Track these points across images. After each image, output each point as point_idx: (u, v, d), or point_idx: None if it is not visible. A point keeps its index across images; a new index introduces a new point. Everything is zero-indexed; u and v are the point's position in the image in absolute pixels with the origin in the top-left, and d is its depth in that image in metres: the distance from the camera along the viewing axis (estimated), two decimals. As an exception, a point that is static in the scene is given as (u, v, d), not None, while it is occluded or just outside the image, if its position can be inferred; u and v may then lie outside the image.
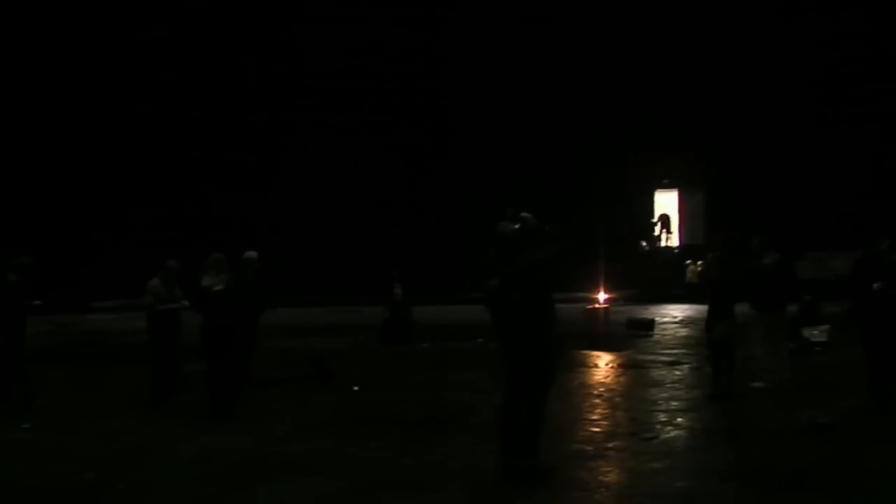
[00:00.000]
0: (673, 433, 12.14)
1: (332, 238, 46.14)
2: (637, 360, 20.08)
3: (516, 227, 9.87)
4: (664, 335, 25.70)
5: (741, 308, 15.24)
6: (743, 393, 14.99)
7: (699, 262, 39.10)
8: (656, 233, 48.76)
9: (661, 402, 14.72)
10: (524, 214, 9.95)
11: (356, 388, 16.44)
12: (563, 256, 9.84)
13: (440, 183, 47.44)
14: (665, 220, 48.78)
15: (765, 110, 44.92)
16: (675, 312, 33.35)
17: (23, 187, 43.12)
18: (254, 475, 10.09)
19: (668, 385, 16.54)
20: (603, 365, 19.48)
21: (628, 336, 24.83)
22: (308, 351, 20.37)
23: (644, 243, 47.52)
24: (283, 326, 25.32)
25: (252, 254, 15.57)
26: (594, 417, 13.37)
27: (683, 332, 26.78)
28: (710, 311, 15.23)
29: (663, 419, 13.12)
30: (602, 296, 26.43)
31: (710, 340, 15.18)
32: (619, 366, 19.38)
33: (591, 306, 24.48)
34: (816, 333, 20.94)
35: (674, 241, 49.04)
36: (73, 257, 39.62)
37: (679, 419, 13.12)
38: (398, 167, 48.00)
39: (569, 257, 9.96)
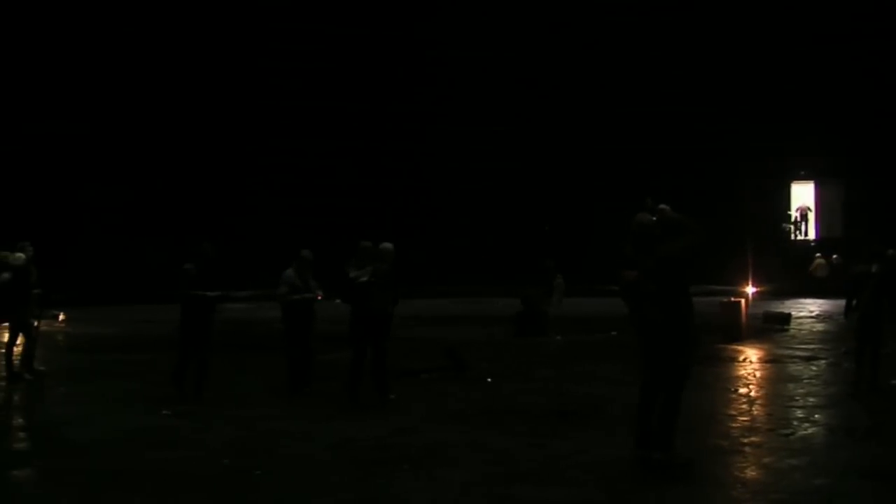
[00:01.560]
0: (811, 430, 11.96)
1: (467, 229, 46.34)
2: (774, 355, 19.81)
3: (654, 218, 9.84)
4: (800, 330, 25.30)
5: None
6: (883, 390, 14.72)
7: (834, 256, 38.57)
8: (792, 225, 48.01)
9: (798, 397, 14.51)
10: (662, 206, 9.91)
11: (489, 379, 16.51)
12: (698, 249, 9.77)
13: (577, 174, 47.30)
14: (803, 212, 47.99)
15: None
16: (811, 307, 32.76)
17: (167, 176, 44.17)
18: (388, 464, 10.18)
19: (806, 381, 16.30)
20: (739, 359, 19.25)
21: (764, 330, 24.51)
22: (442, 342, 20.46)
23: (786, 225, 46.97)
24: (417, 317, 25.53)
25: (388, 245, 15.72)
26: (731, 412, 13.24)
27: (820, 326, 26.34)
28: (857, 305, 14.93)
29: (801, 415, 12.93)
30: (751, 289, 26.09)
31: (857, 333, 14.93)
32: (756, 360, 19.16)
33: (728, 299, 24.21)
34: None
35: (810, 233, 48.25)
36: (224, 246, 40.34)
37: (817, 415, 12.92)
38: (533, 158, 48.00)
39: (704, 251, 9.87)
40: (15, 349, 17.16)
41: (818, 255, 41.80)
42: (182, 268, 14.37)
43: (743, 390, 15.30)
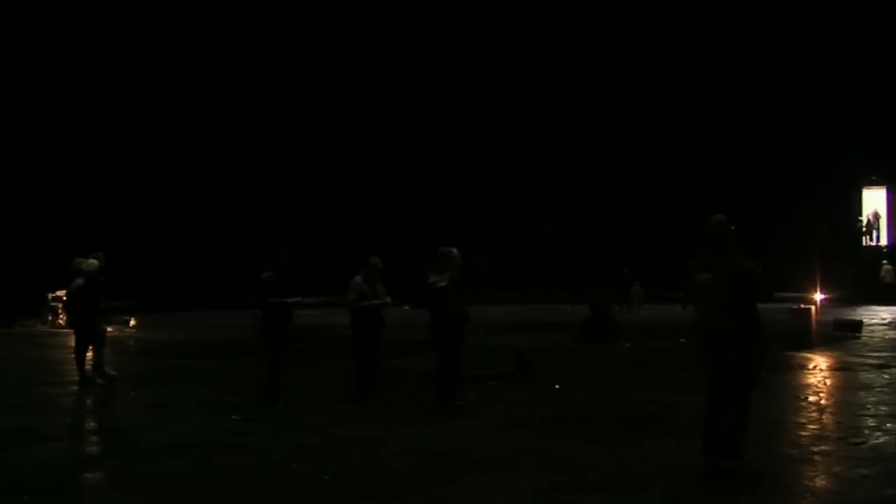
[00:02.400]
0: (882, 439, 11.78)
1: (534, 236, 46.37)
2: (844, 363, 19.59)
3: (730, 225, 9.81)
4: (872, 337, 24.99)
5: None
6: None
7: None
8: (863, 230, 47.52)
9: (869, 406, 14.31)
10: (719, 217, 9.84)
11: (557, 385, 16.47)
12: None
13: (649, 180, 47.19)
14: (874, 218, 47.47)
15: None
16: (883, 314, 32.34)
17: (233, 184, 44.56)
18: (456, 469, 10.18)
19: (877, 389, 16.07)
20: (809, 366, 19.05)
21: (835, 337, 24.24)
22: (510, 348, 20.44)
23: (861, 219, 46.54)
24: (485, 323, 25.53)
25: (453, 251, 15.70)
26: (800, 420, 13.09)
27: (892, 334, 25.99)
28: None
29: (872, 424, 12.75)
30: (819, 295, 25.82)
31: None
32: (826, 368, 18.94)
33: (798, 306, 23.98)
34: None
35: (882, 239, 47.72)
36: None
37: (888, 424, 12.72)
38: (606, 165, 47.94)
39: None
40: (87, 354, 17.39)
41: (885, 262, 41.36)
42: (260, 276, 14.40)
43: (813, 398, 15.13)
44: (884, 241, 47.28)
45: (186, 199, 44.39)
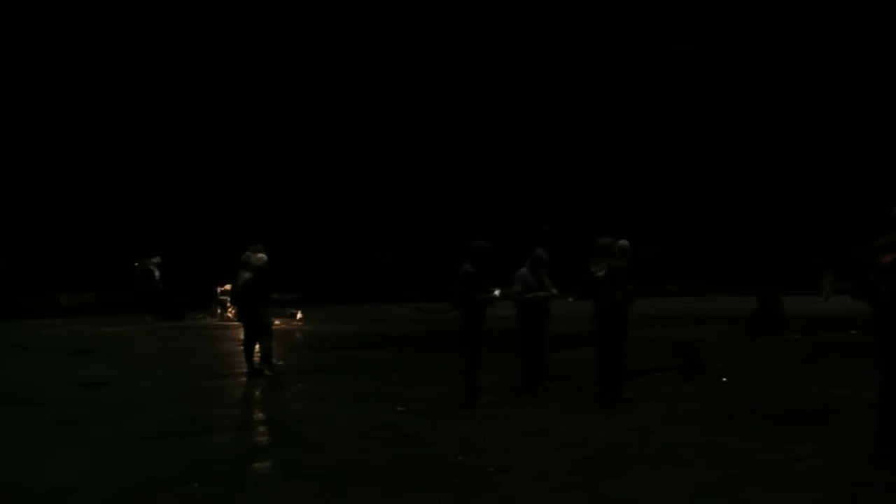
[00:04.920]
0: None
1: (702, 228, 45.79)
2: None
3: None
4: None
5: None
6: None
7: None
8: None
9: None
10: None
11: (725, 378, 16.19)
12: None
13: (812, 174, 46.25)
14: None
15: None
16: None
17: (395, 181, 44.96)
18: (623, 463, 10.06)
19: None
20: None
21: None
22: (677, 341, 20.19)
23: None
24: (650, 316, 25.27)
25: (624, 242, 15.49)
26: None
27: None
28: None
29: None
30: None
31: None
32: None
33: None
34: None
35: None
36: (445, 246, 41.03)
37: None
38: (764, 159, 47.11)
39: None
40: (255, 347, 17.70)
41: None
42: (461, 269, 14.04)
43: None
44: None
45: (352, 195, 44.94)
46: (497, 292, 14.20)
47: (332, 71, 45.51)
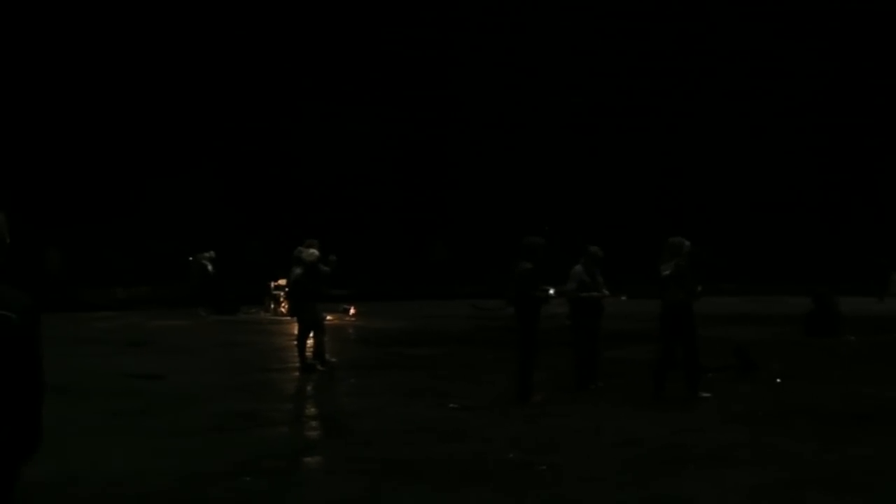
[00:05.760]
0: None
1: (757, 226, 45.48)
2: None
3: None
4: None
5: None
6: None
7: None
8: None
9: None
10: None
11: (779, 379, 16.06)
12: None
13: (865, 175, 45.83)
14: None
15: None
16: None
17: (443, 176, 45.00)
18: (676, 462, 10.00)
19: None
20: None
21: None
22: (731, 340, 20.07)
23: None
24: (704, 315, 25.01)
25: (684, 240, 15.33)
26: None
27: None
28: None
29: None
30: None
31: None
32: None
33: None
34: None
35: None
36: (502, 244, 41.11)
37: None
38: (818, 160, 46.71)
39: None
40: (308, 341, 17.76)
41: None
42: (519, 266, 14.01)
43: None
44: None
45: (405, 191, 45.04)
46: (552, 291, 14.18)
47: (386, 66, 45.57)
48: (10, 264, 4.09)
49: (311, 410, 14.55)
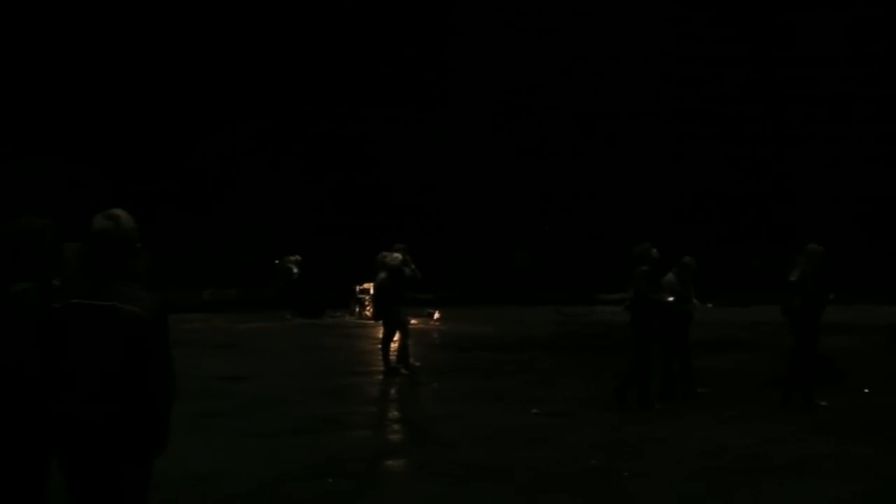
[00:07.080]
0: None
1: (848, 234, 44.87)
2: None
3: None
4: None
5: None
6: None
7: None
8: None
9: None
10: None
11: (866, 390, 15.85)
12: None
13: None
14: None
15: None
16: None
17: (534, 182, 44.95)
18: (758, 473, 9.94)
19: None
20: None
21: None
22: (817, 350, 19.82)
23: None
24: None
25: (815, 246, 15.08)
26: None
27: None
28: None
29: None
30: None
31: None
32: None
33: None
34: None
35: None
36: (581, 249, 41.02)
37: None
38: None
39: None
40: (392, 345, 17.86)
41: None
42: (637, 270, 14.00)
43: None
44: None
45: (491, 197, 45.01)
46: (671, 298, 14.27)
47: (472, 70, 45.58)
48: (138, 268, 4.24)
49: (394, 414, 14.64)
